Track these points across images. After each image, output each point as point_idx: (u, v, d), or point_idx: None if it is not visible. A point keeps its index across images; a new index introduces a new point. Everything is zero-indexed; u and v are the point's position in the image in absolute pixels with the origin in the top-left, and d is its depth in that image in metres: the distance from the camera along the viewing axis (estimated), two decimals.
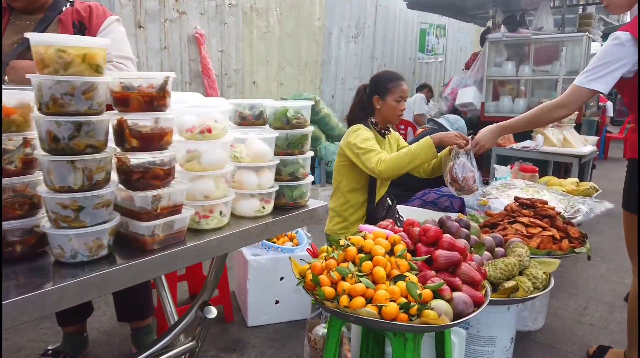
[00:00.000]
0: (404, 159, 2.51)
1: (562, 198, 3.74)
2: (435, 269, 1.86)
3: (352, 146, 2.67)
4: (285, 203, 1.55)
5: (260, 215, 1.44)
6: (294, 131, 1.51)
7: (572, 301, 3.39)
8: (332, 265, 1.82)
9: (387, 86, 2.71)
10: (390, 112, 2.75)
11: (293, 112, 1.51)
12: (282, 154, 1.53)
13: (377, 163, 2.54)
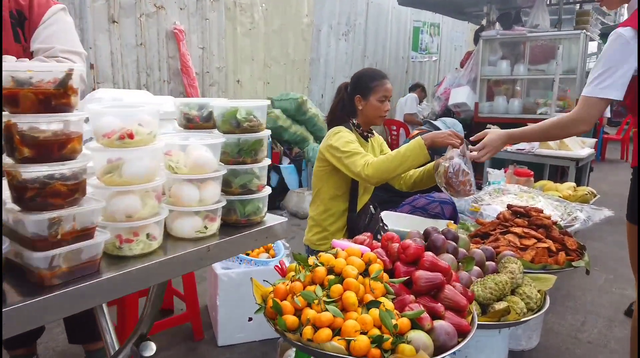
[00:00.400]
0: (392, 162, 2.28)
1: (559, 205, 3.52)
2: (415, 292, 1.64)
3: (334, 150, 2.45)
4: (236, 220, 1.32)
5: (203, 236, 1.21)
6: (245, 135, 1.29)
7: (568, 315, 3.17)
8: (297, 288, 1.59)
9: (369, 85, 2.49)
10: (373, 113, 2.53)
11: (244, 113, 1.28)
12: (232, 162, 1.30)
13: (363, 167, 2.32)
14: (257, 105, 1.31)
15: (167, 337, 2.73)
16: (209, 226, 1.22)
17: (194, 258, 1.15)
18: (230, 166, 1.29)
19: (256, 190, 1.33)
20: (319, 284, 1.62)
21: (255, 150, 1.31)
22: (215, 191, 1.23)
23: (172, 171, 1.18)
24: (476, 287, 1.98)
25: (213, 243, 1.20)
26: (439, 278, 1.62)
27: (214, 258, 1.20)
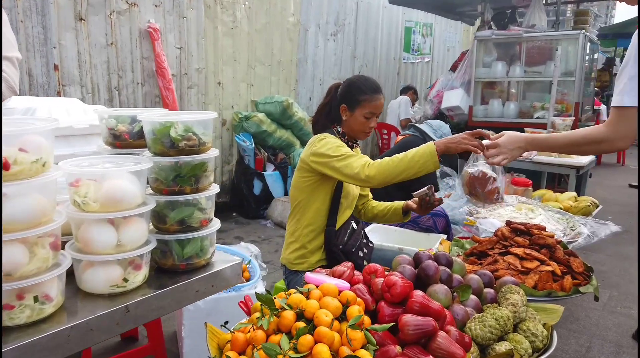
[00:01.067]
0: (398, 166, 2.02)
1: (561, 218, 3.26)
2: (402, 341, 1.37)
3: (321, 156, 2.17)
4: (172, 264, 1.04)
5: (122, 291, 0.93)
6: (182, 158, 1.00)
7: (572, 339, 2.91)
8: (258, 339, 1.31)
9: (358, 97, 2.20)
10: (356, 128, 2.26)
11: (182, 130, 1.00)
12: (167, 192, 1.02)
13: (363, 167, 2.05)
14: (199, 119, 1.02)
15: None
16: (131, 278, 0.93)
17: (105, 323, 0.86)
18: (164, 197, 1.01)
19: (198, 226, 1.05)
20: (286, 333, 1.34)
21: (197, 176, 1.03)
22: (140, 230, 0.95)
23: (79, 208, 0.89)
24: (474, 325, 1.71)
25: (135, 300, 0.91)
26: (431, 324, 1.34)
27: (136, 320, 0.91)
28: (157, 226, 1.03)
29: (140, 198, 0.93)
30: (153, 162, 0.98)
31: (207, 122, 1.04)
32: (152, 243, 0.97)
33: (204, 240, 1.06)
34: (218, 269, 1.06)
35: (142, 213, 0.94)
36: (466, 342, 1.43)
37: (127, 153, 1.07)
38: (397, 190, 3.63)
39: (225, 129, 5.28)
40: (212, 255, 1.09)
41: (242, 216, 5.28)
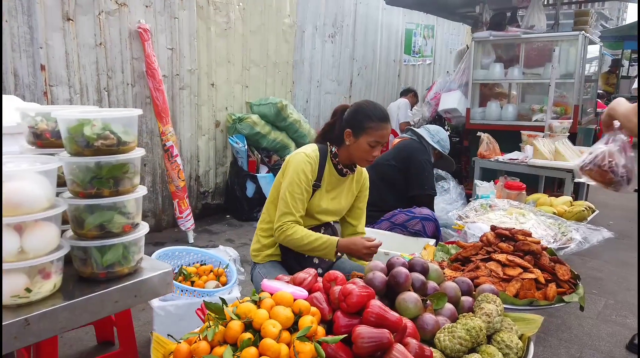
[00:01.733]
0: (306, 246, 2.14)
1: (552, 223, 3.16)
2: (356, 354, 1.29)
3: (288, 173, 2.16)
4: (92, 272, 0.97)
5: (26, 302, 0.86)
6: (98, 158, 0.93)
7: (562, 350, 2.81)
8: (200, 351, 1.24)
9: (364, 124, 2.15)
10: (359, 155, 2.20)
11: (99, 128, 0.93)
12: (83, 195, 0.95)
13: (279, 227, 2.14)
14: (118, 116, 0.96)
15: None
16: (36, 288, 0.86)
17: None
18: (80, 201, 0.94)
19: (120, 232, 0.98)
20: (232, 344, 1.27)
21: (116, 178, 0.96)
22: (47, 236, 0.88)
23: None
24: (443, 336, 1.62)
25: (38, 312, 0.84)
26: (385, 336, 1.26)
27: (39, 334, 0.84)
28: (76, 232, 0.96)
29: (47, 201, 0.87)
30: (65, 162, 0.91)
31: (128, 120, 0.97)
32: (63, 250, 0.90)
33: (127, 246, 0.99)
34: (143, 278, 0.99)
35: (50, 217, 0.87)
36: (426, 355, 1.35)
37: (47, 152, 1.00)
38: (389, 193, 3.56)
39: (219, 130, 5.23)
40: (137, 262, 1.02)
41: (235, 218, 5.23)
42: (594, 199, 6.38)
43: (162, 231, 4.77)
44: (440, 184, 4.97)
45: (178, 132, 4.74)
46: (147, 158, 4.53)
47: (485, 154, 4.62)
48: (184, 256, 2.65)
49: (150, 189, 4.62)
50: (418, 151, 3.49)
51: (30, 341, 0.83)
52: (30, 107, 1.06)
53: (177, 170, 4.27)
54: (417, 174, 3.38)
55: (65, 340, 2.70)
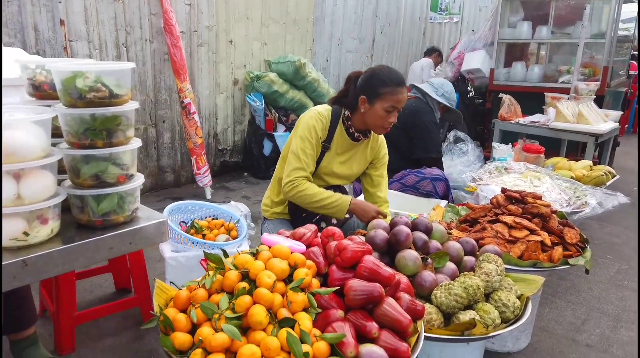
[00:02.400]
0: (315, 203, 2.14)
1: (568, 187, 3.12)
2: (347, 306, 1.33)
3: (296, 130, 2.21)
4: (88, 220, 1.02)
5: (25, 244, 0.91)
6: (91, 110, 0.96)
7: (569, 311, 2.82)
8: (198, 297, 1.31)
9: (379, 90, 2.09)
10: (374, 122, 2.15)
11: (92, 80, 0.95)
12: (78, 146, 0.99)
13: (290, 181, 2.13)
14: (109, 69, 0.98)
15: (115, 321, 2.51)
16: (34, 232, 0.92)
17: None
18: (75, 151, 0.98)
19: (115, 182, 1.02)
20: (229, 293, 1.33)
21: (110, 130, 0.99)
22: (43, 184, 0.92)
23: None
24: (439, 293, 1.66)
25: (35, 254, 0.90)
26: (377, 290, 1.30)
27: (37, 274, 0.90)
28: (73, 181, 1.01)
29: (41, 150, 0.91)
30: (59, 113, 0.94)
31: (120, 73, 0.99)
32: (59, 197, 0.95)
33: (123, 196, 1.03)
34: (138, 227, 1.04)
35: (45, 165, 0.92)
36: (418, 310, 1.39)
37: (45, 104, 1.04)
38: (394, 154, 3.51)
39: (237, 88, 5.23)
40: (133, 212, 1.06)
41: (252, 176, 5.30)
42: (621, 165, 6.22)
43: (180, 187, 4.88)
44: (458, 146, 4.91)
45: (196, 89, 4.77)
46: (166, 115, 4.59)
47: (505, 117, 4.52)
48: (196, 211, 2.73)
49: (169, 146, 4.71)
50: (422, 112, 3.36)
51: (28, 281, 0.89)
52: (30, 60, 1.08)
53: (195, 127, 4.32)
54: (422, 137, 3.30)
55: (86, 286, 2.84)
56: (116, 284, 2.84)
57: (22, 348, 2.03)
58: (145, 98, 4.38)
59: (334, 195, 2.15)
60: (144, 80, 4.35)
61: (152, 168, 4.63)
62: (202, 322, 1.25)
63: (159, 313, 1.29)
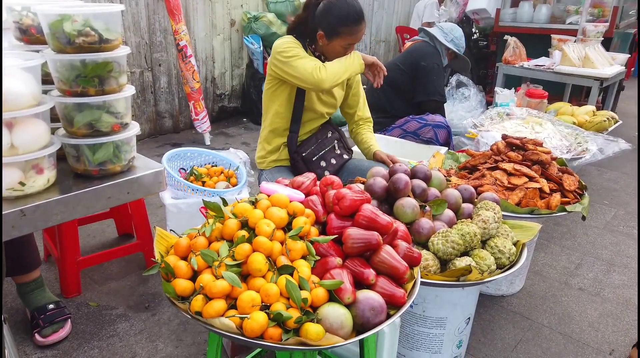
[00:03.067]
0: (340, 67, 2.10)
1: (570, 133, 3.10)
2: (346, 253, 1.35)
3: (278, 54, 2.11)
4: (84, 170, 1.01)
5: (22, 194, 0.91)
6: (81, 56, 0.93)
7: (563, 256, 2.88)
8: (198, 245, 1.32)
9: (338, 29, 2.08)
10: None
11: (80, 24, 0.91)
12: (70, 93, 0.96)
13: (314, 69, 2.05)
14: (97, 12, 0.93)
15: (119, 266, 2.57)
16: (30, 182, 0.91)
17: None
18: (67, 99, 0.95)
19: (109, 131, 1.00)
20: (229, 241, 1.34)
21: (101, 77, 0.96)
22: (36, 133, 0.91)
23: None
24: (436, 240, 1.68)
25: (33, 204, 0.90)
26: (374, 238, 1.31)
27: (35, 224, 0.90)
28: (67, 130, 0.99)
29: (32, 98, 0.88)
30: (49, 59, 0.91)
31: (109, 17, 0.95)
32: (53, 146, 0.93)
33: (119, 145, 1.01)
34: (135, 176, 1.03)
35: (37, 114, 0.89)
36: (414, 257, 1.41)
37: (34, 49, 1.00)
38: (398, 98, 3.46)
39: (234, 30, 5.07)
40: (129, 161, 1.05)
41: (251, 121, 5.25)
42: (626, 110, 6.15)
43: (179, 133, 4.85)
44: (460, 91, 4.83)
45: (192, 31, 4.62)
46: (162, 58, 4.47)
47: (510, 60, 4.41)
48: (196, 158, 2.71)
49: (166, 91, 4.62)
50: (427, 54, 3.28)
51: (27, 230, 0.89)
52: (16, 1, 1.03)
53: (192, 71, 4.22)
54: (424, 80, 3.23)
55: (89, 232, 2.88)
56: (118, 230, 2.88)
57: (28, 291, 2.08)
58: (139, 40, 4.25)
59: (346, 57, 2.14)
60: (138, 21, 4.21)
61: (150, 113, 4.57)
62: (203, 269, 1.26)
63: (160, 260, 1.31)
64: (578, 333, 2.22)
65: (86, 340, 2.05)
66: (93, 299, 2.31)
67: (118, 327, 2.13)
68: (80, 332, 2.09)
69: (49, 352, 1.98)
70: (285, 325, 1.14)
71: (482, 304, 2.37)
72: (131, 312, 2.24)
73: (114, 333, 2.09)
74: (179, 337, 2.08)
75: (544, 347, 2.12)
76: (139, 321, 2.17)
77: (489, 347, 2.11)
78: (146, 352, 1.99)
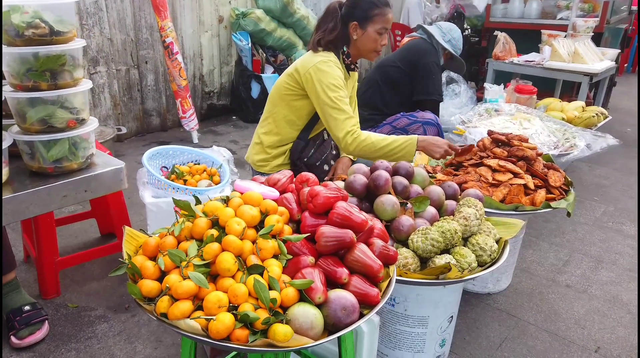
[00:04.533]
0: (378, 151, 2.07)
1: (558, 129, 3.07)
2: (319, 252, 1.32)
3: (319, 83, 2.08)
4: (39, 167, 0.97)
5: None
6: (32, 49, 0.89)
7: (551, 253, 2.86)
8: (166, 245, 1.29)
9: (369, 13, 2.11)
10: (368, 46, 2.18)
11: (30, 16, 0.87)
12: (21, 88, 0.92)
13: (347, 134, 2.04)
14: (48, 3, 0.89)
15: (100, 266, 2.53)
16: None
17: None
18: (17, 94, 0.91)
19: (64, 127, 0.96)
20: (198, 240, 1.30)
21: (54, 71, 0.92)
22: None
23: None
24: (416, 237, 1.65)
25: None
26: (348, 236, 1.28)
27: None
28: (20, 126, 0.95)
29: None
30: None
31: (61, 8, 0.91)
32: (5, 142, 0.90)
33: (75, 141, 0.98)
34: (93, 173, 0.99)
35: None
36: (390, 255, 1.37)
37: None
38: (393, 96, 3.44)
39: (223, 26, 5.03)
40: (87, 158, 1.01)
41: (241, 119, 5.21)
42: (618, 106, 6.14)
43: (167, 131, 4.80)
44: (451, 88, 4.80)
45: (179, 28, 4.57)
46: (148, 55, 4.42)
47: (500, 56, 4.39)
48: (178, 156, 2.67)
49: (153, 88, 4.58)
50: (426, 52, 3.28)
51: None
52: None
53: (179, 68, 4.18)
54: (423, 79, 3.21)
55: (71, 231, 2.84)
56: (101, 229, 2.84)
57: (4, 293, 2.04)
58: (125, 37, 4.20)
59: (398, 138, 2.10)
60: (123, 18, 4.16)
61: (137, 111, 4.52)
62: (171, 270, 1.23)
63: (127, 260, 1.27)
64: (564, 330, 2.20)
65: (64, 341, 2.01)
66: (73, 300, 2.27)
67: (97, 328, 2.10)
68: (58, 333, 2.05)
69: (25, 354, 1.94)
70: (254, 326, 1.11)
71: (467, 302, 2.35)
72: (111, 313, 2.20)
73: (92, 335, 2.05)
74: (159, 338, 2.05)
75: (530, 345, 2.09)
76: (119, 322, 2.13)
77: (474, 346, 2.09)
78: (124, 354, 1.96)
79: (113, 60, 4.15)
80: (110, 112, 4.23)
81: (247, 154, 2.47)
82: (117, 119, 4.29)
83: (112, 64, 4.15)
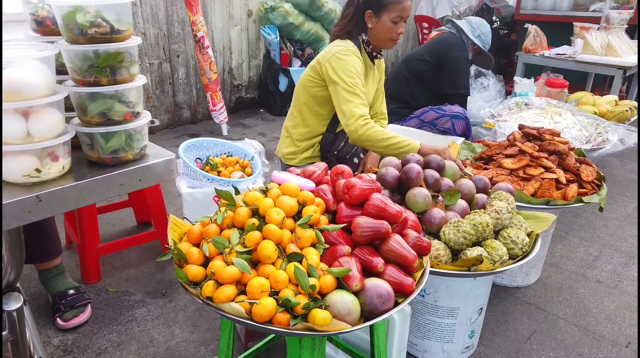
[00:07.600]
0: (380, 144, 2.08)
1: (590, 123, 3.04)
2: (355, 242, 1.36)
3: (336, 71, 2.12)
4: (98, 157, 1.04)
5: (38, 181, 0.94)
6: (93, 47, 0.95)
7: (581, 248, 2.84)
8: (210, 232, 1.35)
9: (384, 1, 2.11)
10: (383, 35, 2.18)
11: (92, 15, 0.94)
12: (83, 83, 0.99)
13: (357, 120, 2.06)
14: (108, 3, 0.95)
15: (137, 253, 2.63)
16: (45, 169, 0.94)
17: (15, 211, 0.89)
18: (80, 88, 0.98)
19: (121, 120, 1.03)
20: (240, 228, 1.36)
21: (113, 67, 0.98)
22: (51, 121, 0.94)
23: None
24: (448, 230, 1.68)
25: (49, 190, 0.93)
26: (383, 227, 1.32)
27: (51, 209, 0.94)
28: (81, 119, 1.02)
29: (46, 88, 0.91)
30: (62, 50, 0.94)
31: (120, 8, 0.97)
32: (68, 134, 0.96)
33: (130, 134, 1.04)
34: (147, 164, 1.05)
35: (52, 103, 0.92)
36: (424, 246, 1.41)
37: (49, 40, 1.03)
38: (420, 90, 3.45)
39: (252, 20, 5.09)
40: (141, 149, 1.07)
41: (268, 112, 5.27)
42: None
43: (197, 124, 4.90)
44: (479, 81, 4.76)
45: (209, 22, 4.65)
46: (180, 49, 4.52)
47: (530, 49, 4.33)
48: (211, 148, 2.75)
49: (184, 82, 4.68)
50: (455, 46, 3.27)
51: (43, 215, 0.93)
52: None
53: (209, 62, 4.26)
54: (451, 73, 3.21)
55: (109, 220, 2.95)
56: (137, 218, 2.94)
57: (50, 277, 2.15)
58: (158, 32, 4.30)
59: (404, 139, 2.12)
60: (156, 13, 4.25)
61: (169, 104, 4.63)
62: (214, 256, 1.29)
63: (173, 247, 1.34)
64: (594, 325, 2.20)
65: (105, 324, 2.11)
66: (112, 285, 2.37)
67: (136, 312, 2.19)
68: (99, 316, 2.15)
69: (70, 335, 2.04)
70: (294, 310, 1.16)
71: (496, 295, 2.36)
72: (149, 298, 2.29)
73: (132, 319, 2.15)
74: (195, 323, 2.13)
75: (559, 339, 2.10)
76: (156, 307, 2.22)
77: (502, 338, 2.11)
78: (163, 337, 2.04)
79: (146, 54, 4.26)
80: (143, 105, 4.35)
81: (277, 149, 2.53)
82: (149, 111, 4.39)
83: (145, 57, 4.25)
